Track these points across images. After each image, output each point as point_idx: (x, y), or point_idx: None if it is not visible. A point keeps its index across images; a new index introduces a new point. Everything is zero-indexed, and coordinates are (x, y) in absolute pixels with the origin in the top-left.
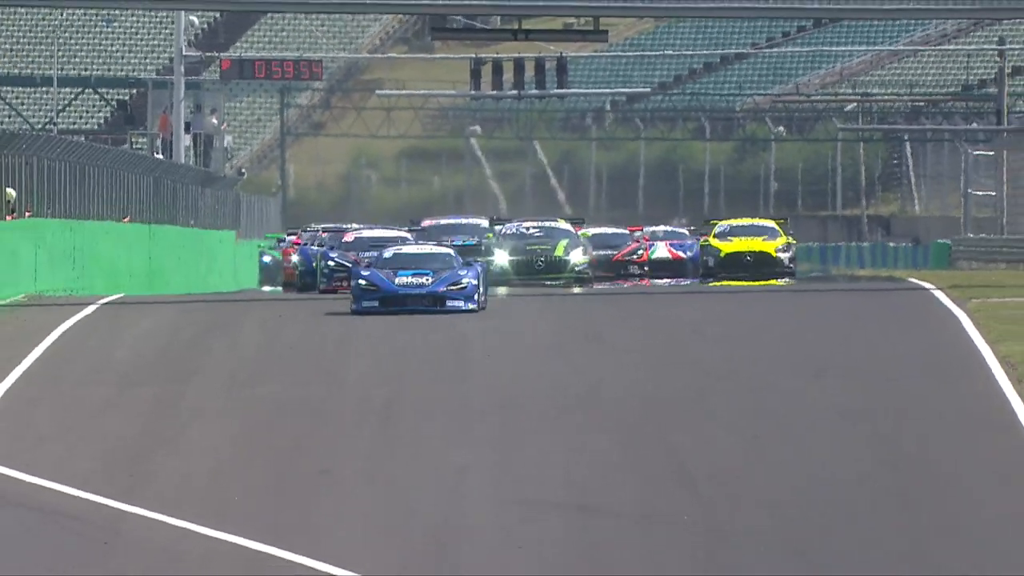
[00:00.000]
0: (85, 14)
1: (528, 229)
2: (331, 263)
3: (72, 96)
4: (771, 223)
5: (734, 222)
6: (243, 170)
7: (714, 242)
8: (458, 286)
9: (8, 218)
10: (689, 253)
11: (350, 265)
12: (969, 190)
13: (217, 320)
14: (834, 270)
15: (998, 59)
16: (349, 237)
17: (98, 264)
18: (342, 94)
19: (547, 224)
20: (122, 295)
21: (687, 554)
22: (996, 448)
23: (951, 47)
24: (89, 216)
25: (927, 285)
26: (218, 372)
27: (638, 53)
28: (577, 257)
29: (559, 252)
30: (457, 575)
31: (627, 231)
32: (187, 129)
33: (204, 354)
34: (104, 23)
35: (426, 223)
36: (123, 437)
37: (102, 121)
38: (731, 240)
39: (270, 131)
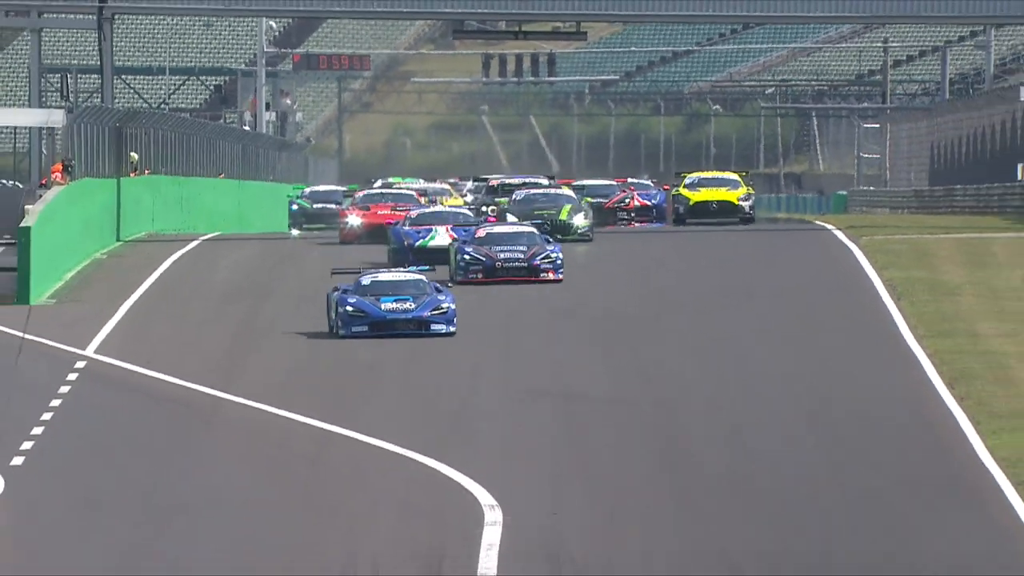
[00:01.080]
0: (189, 19)
1: (536, 195)
2: (467, 256)
3: (180, 82)
4: (734, 175)
5: (702, 174)
6: (310, 138)
7: (684, 192)
8: (439, 311)
9: (132, 175)
10: (654, 200)
11: (484, 259)
12: (861, 154)
13: (289, 252)
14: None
15: (883, 55)
16: (482, 233)
17: (200, 210)
18: (385, 81)
19: (552, 191)
20: (218, 233)
21: (645, 427)
22: (878, 345)
23: (848, 45)
24: (193, 173)
25: (829, 226)
26: (290, 292)
27: (610, 49)
28: (579, 220)
29: (563, 216)
30: (475, 444)
31: (615, 182)
32: (268, 108)
33: (279, 278)
34: (204, 26)
35: (494, 181)
36: (220, 341)
37: (203, 102)
38: (699, 190)
39: (330, 109)
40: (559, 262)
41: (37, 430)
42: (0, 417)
